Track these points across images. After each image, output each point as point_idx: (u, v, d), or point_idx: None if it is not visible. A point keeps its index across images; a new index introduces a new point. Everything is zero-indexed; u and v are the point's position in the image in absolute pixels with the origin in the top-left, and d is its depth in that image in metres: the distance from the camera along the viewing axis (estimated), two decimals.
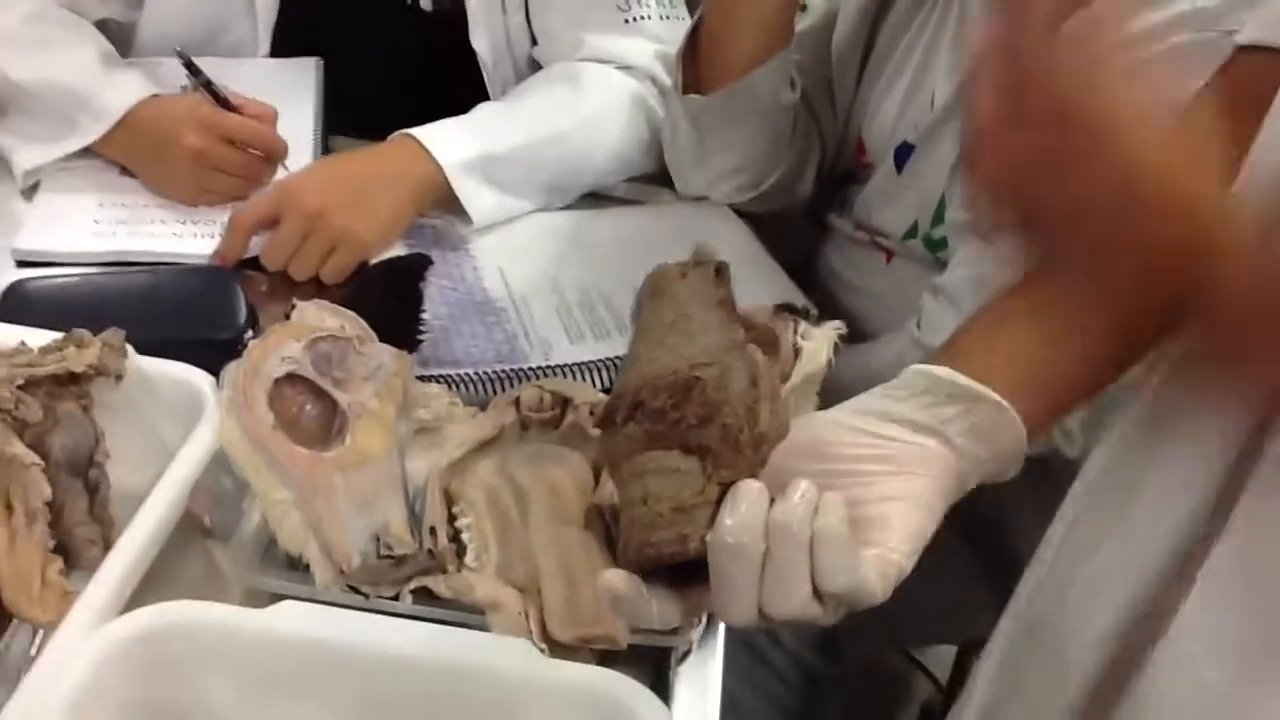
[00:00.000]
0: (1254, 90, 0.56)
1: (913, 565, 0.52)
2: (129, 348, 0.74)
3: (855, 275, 1.13)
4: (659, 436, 0.51)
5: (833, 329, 0.78)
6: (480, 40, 1.19)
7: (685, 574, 0.51)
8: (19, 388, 0.69)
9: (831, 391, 0.73)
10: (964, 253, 0.95)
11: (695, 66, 1.09)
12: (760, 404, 0.51)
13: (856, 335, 0.92)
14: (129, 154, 1.05)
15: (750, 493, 0.49)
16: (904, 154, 1.05)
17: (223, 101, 1.03)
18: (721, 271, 0.57)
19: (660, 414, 0.51)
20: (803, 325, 0.78)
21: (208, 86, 1.03)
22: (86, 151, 1.05)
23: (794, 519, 0.48)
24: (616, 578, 0.50)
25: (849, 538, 0.49)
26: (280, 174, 1.04)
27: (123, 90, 1.04)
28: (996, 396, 0.56)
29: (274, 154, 1.04)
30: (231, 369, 0.72)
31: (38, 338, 0.74)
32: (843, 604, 0.51)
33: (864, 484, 0.52)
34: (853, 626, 1.10)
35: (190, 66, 1.04)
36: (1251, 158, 0.55)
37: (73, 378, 0.72)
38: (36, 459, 0.67)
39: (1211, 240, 0.47)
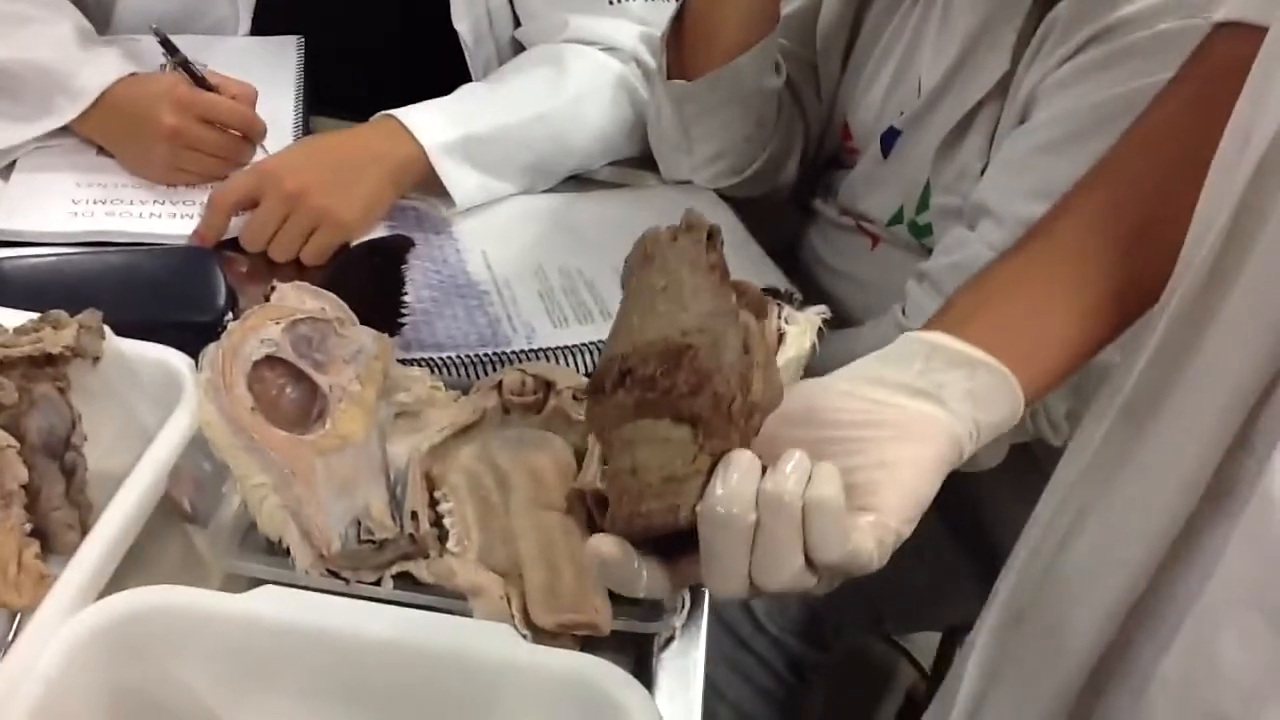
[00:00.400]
0: (1232, 66, 0.55)
1: (911, 531, 0.51)
2: (106, 329, 0.74)
3: (840, 260, 1.13)
4: (649, 405, 0.49)
5: (816, 314, 0.78)
6: (462, 21, 1.18)
7: (675, 545, 0.50)
8: None
9: (812, 376, 0.72)
10: (949, 239, 0.94)
11: (680, 50, 1.08)
12: (753, 371, 0.50)
13: (841, 320, 0.92)
14: (106, 133, 1.04)
15: (742, 463, 0.48)
16: (890, 139, 1.05)
17: (200, 81, 1.02)
18: (713, 236, 0.55)
19: (651, 382, 0.49)
20: (787, 310, 0.78)
21: (185, 65, 1.02)
22: (64, 130, 1.03)
23: (785, 490, 0.47)
24: (605, 542, 0.49)
25: (842, 509, 0.48)
26: (259, 155, 1.03)
27: (99, 69, 1.03)
28: (995, 361, 0.55)
29: (252, 134, 1.03)
30: (210, 351, 0.72)
31: (13, 318, 0.73)
32: (837, 574, 0.50)
33: (860, 450, 0.51)
34: (836, 612, 1.11)
35: (167, 44, 1.02)
36: (1230, 127, 0.55)
37: (49, 359, 0.71)
38: (12, 441, 0.66)
39: None
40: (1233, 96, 0.54)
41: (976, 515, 1.02)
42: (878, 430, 0.52)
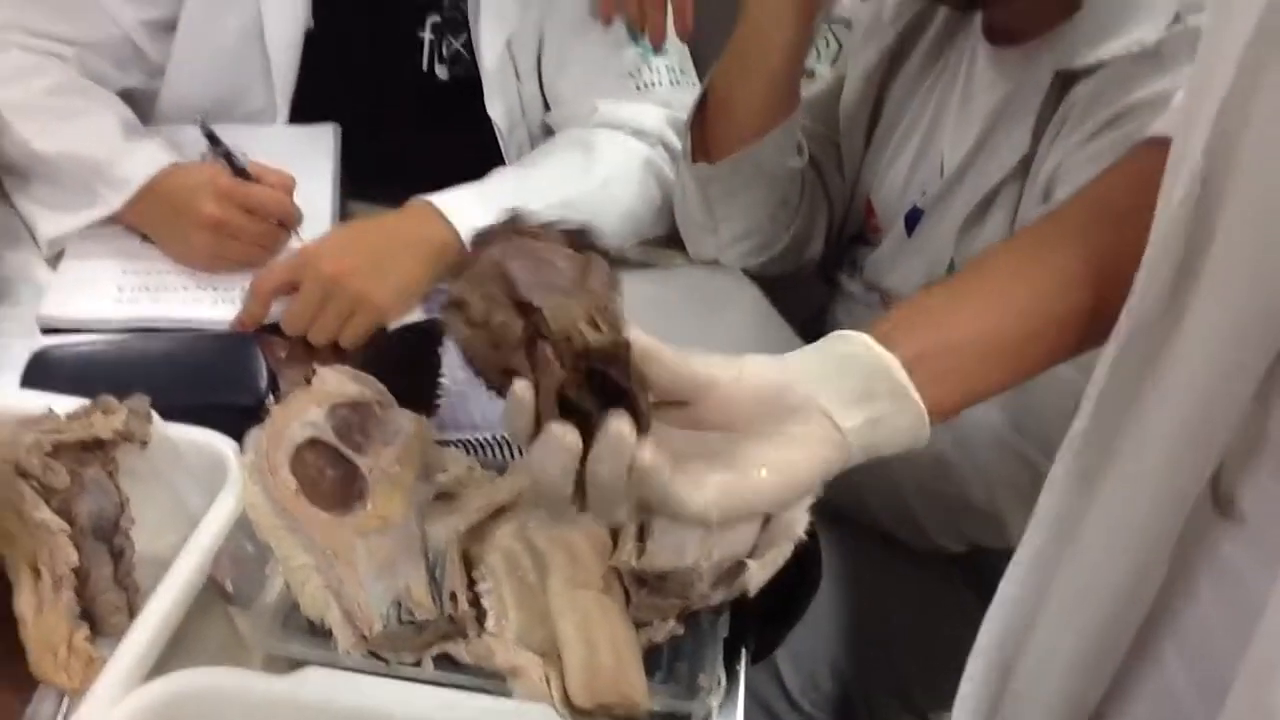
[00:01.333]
0: (1154, 177, 0.59)
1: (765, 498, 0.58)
2: (153, 414, 0.76)
3: None
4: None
5: None
6: (495, 107, 1.22)
7: None
8: (47, 454, 0.70)
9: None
10: None
11: (704, 133, 1.11)
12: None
13: None
14: (148, 222, 1.07)
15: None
16: (914, 218, 1.07)
17: (240, 171, 1.05)
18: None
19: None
20: None
21: (227, 157, 1.05)
22: (109, 218, 1.07)
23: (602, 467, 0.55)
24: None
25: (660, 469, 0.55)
26: (294, 242, 1.06)
27: (142, 160, 1.06)
28: (917, 396, 0.60)
29: (289, 222, 1.06)
30: (254, 434, 0.73)
31: (64, 404, 0.75)
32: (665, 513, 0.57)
33: (753, 442, 0.58)
34: (866, 686, 1.11)
35: (211, 137, 1.06)
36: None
37: (98, 444, 0.73)
38: (64, 525, 0.68)
39: None
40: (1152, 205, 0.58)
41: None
42: (785, 431, 0.58)
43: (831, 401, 0.59)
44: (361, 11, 1.21)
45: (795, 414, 0.59)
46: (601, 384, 0.57)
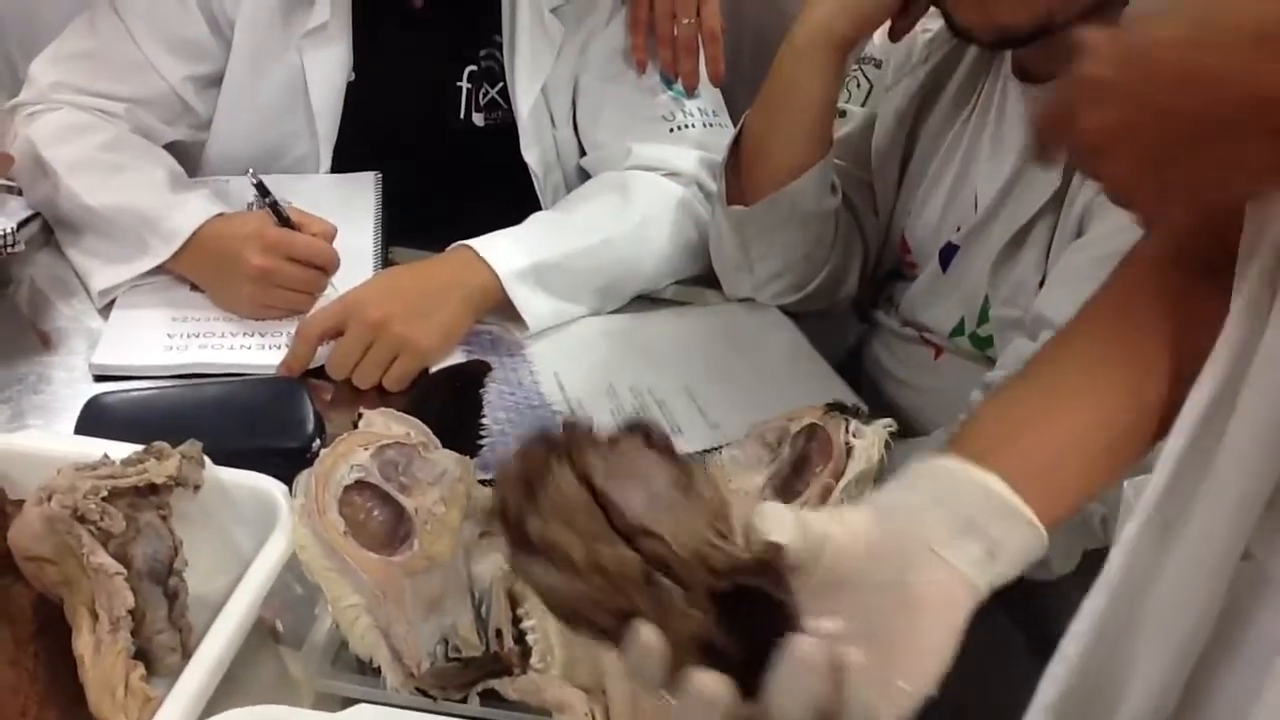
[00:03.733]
0: None
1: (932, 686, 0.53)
2: (205, 459, 0.77)
3: (904, 371, 1.15)
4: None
5: (883, 426, 0.80)
6: (531, 153, 1.24)
7: None
8: (103, 499, 0.71)
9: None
10: (1010, 351, 0.96)
11: (738, 175, 1.12)
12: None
13: (905, 430, 0.93)
14: (197, 271, 1.10)
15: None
16: (949, 254, 1.07)
17: (285, 220, 1.07)
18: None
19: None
20: (854, 423, 0.80)
21: (274, 207, 1.07)
22: (158, 268, 1.09)
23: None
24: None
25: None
26: (329, 290, 1.08)
27: (189, 212, 1.09)
28: (1031, 515, 0.56)
29: (330, 269, 1.08)
30: (304, 477, 0.75)
31: (119, 450, 0.77)
32: None
33: (885, 621, 0.53)
34: None
35: (260, 188, 1.08)
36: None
37: (153, 489, 0.74)
38: (120, 568, 0.69)
39: None
40: None
41: (1054, 628, 1.02)
42: (911, 591, 0.53)
43: (942, 542, 0.54)
44: (402, 62, 1.24)
45: (909, 563, 0.54)
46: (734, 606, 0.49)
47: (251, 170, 1.09)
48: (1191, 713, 0.62)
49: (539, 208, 1.23)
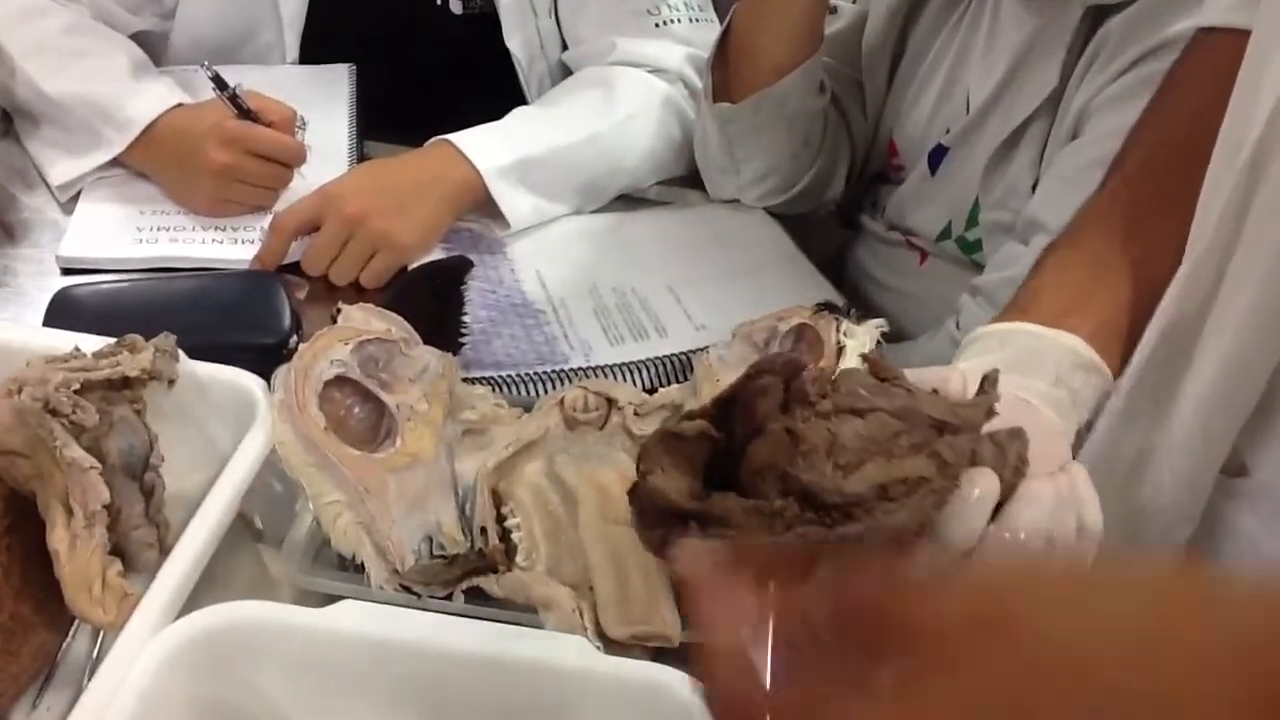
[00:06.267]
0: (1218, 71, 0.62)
1: None
2: (180, 352, 0.75)
3: (888, 275, 1.14)
4: None
5: (875, 327, 0.79)
6: (514, 40, 1.21)
7: None
8: (75, 392, 0.69)
9: None
10: (1002, 254, 0.95)
11: (725, 73, 1.10)
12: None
13: (891, 335, 0.93)
14: (153, 165, 1.06)
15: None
16: (937, 156, 1.05)
17: (246, 112, 1.03)
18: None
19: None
20: (845, 323, 0.79)
21: (233, 99, 1.03)
22: (120, 162, 1.05)
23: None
24: None
25: None
26: (297, 180, 1.05)
27: (147, 101, 1.05)
28: (1104, 365, 0.63)
29: (295, 162, 1.04)
30: (282, 372, 0.73)
31: (91, 343, 0.75)
32: None
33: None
34: None
35: (217, 80, 1.03)
36: (1224, 126, 0.61)
37: (126, 382, 0.72)
38: (95, 462, 0.67)
39: None
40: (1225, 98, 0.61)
41: None
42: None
43: (1039, 394, 0.60)
44: None
45: (1019, 414, 0.57)
46: None
47: (206, 62, 1.04)
48: None
49: (520, 101, 1.20)
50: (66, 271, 0.98)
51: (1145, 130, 0.73)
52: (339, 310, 0.80)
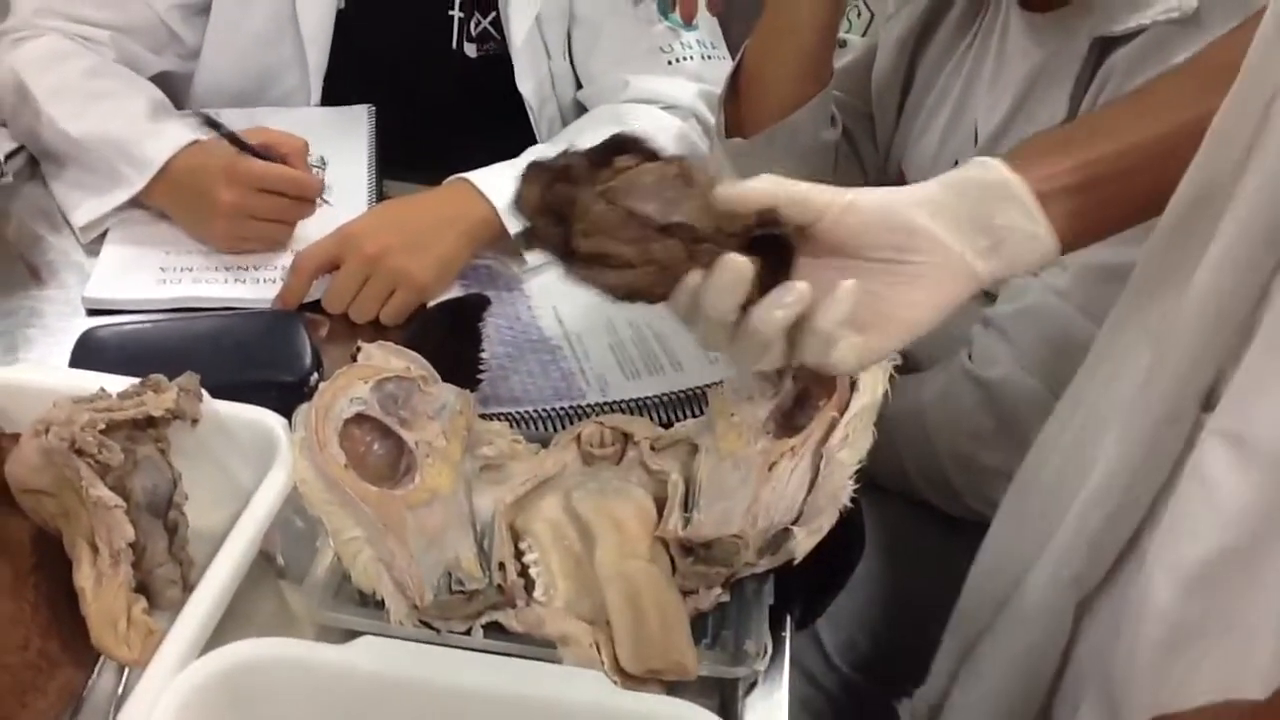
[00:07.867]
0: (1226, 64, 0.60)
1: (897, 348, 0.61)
2: (203, 391, 0.77)
3: None
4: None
5: (889, 362, 0.80)
6: (526, 84, 1.22)
7: None
8: (100, 432, 0.71)
9: (880, 421, 0.74)
10: (1013, 285, 0.96)
11: (737, 108, 1.11)
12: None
13: (902, 366, 0.93)
14: (171, 204, 1.07)
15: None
16: None
17: (250, 149, 1.03)
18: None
19: None
20: None
21: (231, 139, 1.03)
22: (144, 205, 1.07)
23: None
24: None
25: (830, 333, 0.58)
26: (324, 208, 1.06)
27: (164, 140, 1.06)
28: (1044, 226, 0.60)
29: (306, 194, 1.05)
30: (303, 410, 0.74)
31: (116, 383, 0.76)
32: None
33: (887, 279, 0.59)
34: (902, 648, 1.11)
35: (210, 122, 1.04)
36: (1214, 127, 0.59)
37: (151, 422, 0.74)
38: (120, 501, 0.69)
39: None
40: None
41: None
42: (908, 267, 0.59)
43: (949, 227, 0.59)
44: None
45: (913, 241, 0.59)
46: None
47: (198, 109, 1.05)
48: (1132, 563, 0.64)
49: (534, 142, 1.22)
50: (92, 312, 1.00)
51: None
52: (359, 349, 0.81)
